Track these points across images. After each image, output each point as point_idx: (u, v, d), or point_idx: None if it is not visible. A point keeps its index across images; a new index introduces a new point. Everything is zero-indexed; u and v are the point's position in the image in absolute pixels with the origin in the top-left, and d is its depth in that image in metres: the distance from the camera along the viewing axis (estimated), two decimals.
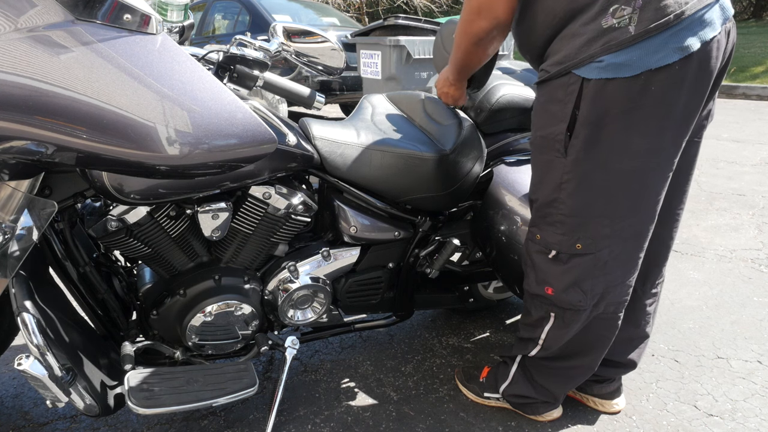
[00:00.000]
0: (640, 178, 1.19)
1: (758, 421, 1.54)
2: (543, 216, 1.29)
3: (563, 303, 1.32)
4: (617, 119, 1.13)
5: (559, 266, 1.29)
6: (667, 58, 1.07)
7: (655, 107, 1.11)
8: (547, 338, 1.39)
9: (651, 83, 1.09)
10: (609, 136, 1.15)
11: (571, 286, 1.29)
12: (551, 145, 1.22)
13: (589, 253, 1.26)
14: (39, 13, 0.89)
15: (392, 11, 13.66)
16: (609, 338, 1.40)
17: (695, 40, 1.08)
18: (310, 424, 1.55)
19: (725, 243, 2.74)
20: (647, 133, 1.14)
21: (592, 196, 1.21)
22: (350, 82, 5.31)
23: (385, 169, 1.50)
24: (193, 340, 1.44)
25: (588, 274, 1.28)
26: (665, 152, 1.17)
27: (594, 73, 1.11)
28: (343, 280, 1.62)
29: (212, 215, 1.34)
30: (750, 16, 14.95)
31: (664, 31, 1.07)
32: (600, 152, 1.17)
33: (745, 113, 6.18)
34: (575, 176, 1.20)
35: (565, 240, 1.26)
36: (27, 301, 1.14)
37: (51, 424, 1.54)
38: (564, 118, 1.18)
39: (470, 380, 1.66)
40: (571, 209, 1.23)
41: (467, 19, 1.26)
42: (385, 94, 1.87)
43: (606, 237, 1.24)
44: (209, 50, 1.37)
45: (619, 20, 1.08)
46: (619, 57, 1.09)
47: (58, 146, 0.92)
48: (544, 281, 1.33)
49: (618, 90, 1.10)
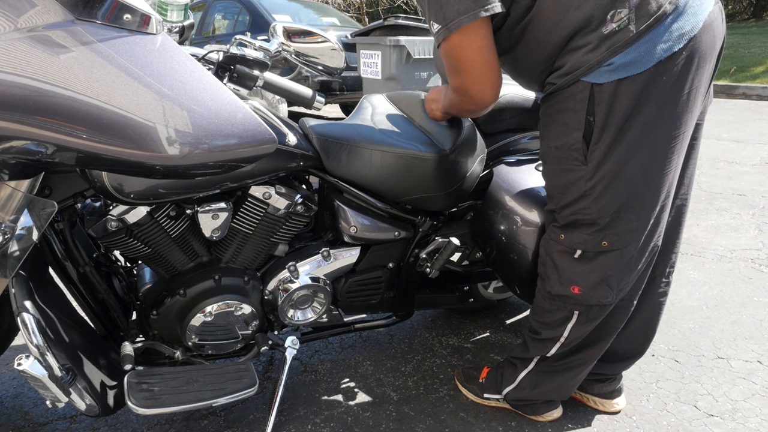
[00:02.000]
0: (662, 167, 1.20)
1: (758, 421, 1.54)
2: (568, 222, 1.28)
3: (590, 300, 1.32)
4: (636, 116, 1.14)
5: (585, 265, 1.29)
6: (673, 47, 1.09)
7: (668, 95, 1.12)
8: (570, 335, 1.39)
9: (662, 74, 1.11)
10: (631, 135, 1.15)
11: (598, 284, 1.29)
12: (568, 155, 1.21)
13: (615, 249, 1.26)
14: (39, 13, 0.89)
15: (392, 11, 13.65)
16: (620, 324, 1.42)
17: (696, 20, 1.10)
18: (310, 424, 1.55)
19: (725, 243, 2.74)
20: (665, 122, 1.15)
21: (618, 195, 1.21)
22: (350, 82, 5.31)
23: (385, 169, 1.50)
24: (193, 340, 1.44)
25: (615, 269, 1.28)
26: (681, 136, 1.19)
27: (605, 77, 1.11)
28: (343, 280, 1.62)
29: (212, 215, 1.34)
30: (750, 16, 14.94)
31: (663, 21, 1.09)
32: (622, 153, 1.17)
33: (745, 113, 6.18)
34: (600, 181, 1.20)
35: (590, 239, 1.26)
36: (27, 301, 1.14)
37: (51, 424, 1.54)
38: (578, 127, 1.17)
39: (470, 381, 1.66)
40: (599, 213, 1.23)
41: (454, 97, 1.30)
42: (385, 94, 1.87)
43: (632, 231, 1.24)
44: (209, 50, 1.37)
45: (618, 23, 1.10)
46: (627, 56, 1.10)
47: (58, 146, 0.92)
48: (569, 281, 1.32)
49: (632, 88, 1.11)
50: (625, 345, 1.52)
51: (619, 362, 1.55)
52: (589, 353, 1.44)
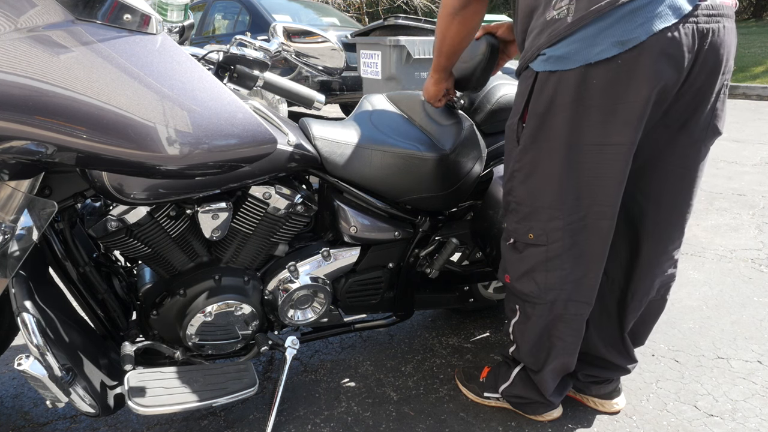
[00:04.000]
0: (589, 171, 1.19)
1: (758, 421, 1.54)
2: (505, 204, 1.35)
3: (518, 292, 1.36)
4: (561, 111, 1.15)
5: (515, 254, 1.34)
6: (605, 52, 1.07)
7: (598, 101, 1.11)
8: (514, 333, 1.44)
9: (592, 77, 1.09)
10: (554, 128, 1.17)
11: (524, 275, 1.33)
12: (510, 135, 1.29)
13: (540, 245, 1.28)
14: (39, 13, 0.89)
15: (392, 11, 13.65)
16: (574, 343, 1.39)
17: (639, 31, 1.04)
18: (310, 424, 1.55)
19: (725, 243, 2.74)
20: (592, 126, 1.14)
21: (539, 185, 1.24)
22: (350, 82, 5.31)
23: (385, 169, 1.50)
24: (193, 340, 1.44)
25: (540, 265, 1.30)
26: (614, 147, 1.15)
27: (540, 66, 1.15)
28: (343, 280, 1.62)
29: (212, 215, 1.34)
30: (750, 16, 14.94)
31: (598, 20, 1.06)
32: (545, 142, 1.20)
33: (745, 113, 6.18)
34: (523, 165, 1.25)
35: (519, 228, 1.31)
36: (27, 301, 1.14)
37: (51, 424, 1.54)
38: (519, 109, 1.24)
39: (470, 380, 1.66)
40: (521, 197, 1.28)
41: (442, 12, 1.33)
42: (385, 94, 1.87)
43: (558, 230, 1.25)
44: (209, 50, 1.37)
45: (558, 11, 1.10)
46: (559, 50, 1.11)
47: (58, 146, 0.92)
48: (504, 269, 1.40)
49: (560, 83, 1.13)
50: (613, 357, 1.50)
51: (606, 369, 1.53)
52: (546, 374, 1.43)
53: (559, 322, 1.36)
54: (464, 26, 1.35)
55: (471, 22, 1.34)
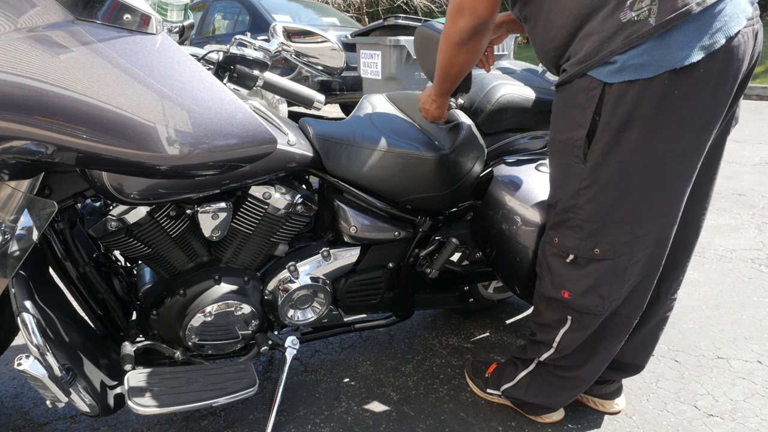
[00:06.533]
0: (663, 184, 1.15)
1: (758, 421, 1.54)
2: (562, 220, 1.27)
3: (580, 307, 1.30)
4: (640, 125, 1.08)
5: (577, 270, 1.27)
6: (691, 57, 1.01)
7: (678, 111, 1.06)
8: (561, 341, 1.38)
9: (675, 86, 1.04)
10: (631, 143, 1.10)
11: (588, 291, 1.27)
12: (570, 150, 1.19)
13: (607, 259, 1.23)
14: (39, 13, 0.89)
15: (392, 11, 13.65)
16: (619, 341, 1.38)
17: (720, 35, 1.01)
18: (310, 424, 1.55)
19: (725, 243, 2.74)
20: (670, 138, 1.09)
21: (612, 202, 1.18)
22: (350, 82, 5.31)
23: (385, 169, 1.50)
24: (193, 340, 1.44)
25: (606, 279, 1.26)
26: (688, 157, 1.12)
27: (612, 77, 1.07)
28: (343, 280, 1.62)
29: (212, 215, 1.34)
30: None
31: (685, 23, 1.01)
32: (621, 159, 1.13)
33: (745, 113, 6.18)
34: (594, 182, 1.17)
35: (583, 245, 1.24)
36: (27, 301, 1.14)
37: (51, 424, 1.54)
38: (584, 124, 1.14)
39: (477, 374, 1.68)
40: (590, 215, 1.21)
41: (450, 20, 1.26)
42: (385, 94, 1.87)
43: (626, 243, 1.21)
44: (209, 50, 1.37)
45: (638, 12, 1.03)
46: (641, 57, 1.03)
47: (58, 146, 0.92)
48: (560, 285, 1.31)
49: (640, 93, 1.06)
50: (626, 353, 1.50)
51: (618, 370, 1.53)
52: (584, 372, 1.42)
53: (610, 323, 1.34)
54: (471, 55, 1.30)
55: (478, 49, 1.29)
